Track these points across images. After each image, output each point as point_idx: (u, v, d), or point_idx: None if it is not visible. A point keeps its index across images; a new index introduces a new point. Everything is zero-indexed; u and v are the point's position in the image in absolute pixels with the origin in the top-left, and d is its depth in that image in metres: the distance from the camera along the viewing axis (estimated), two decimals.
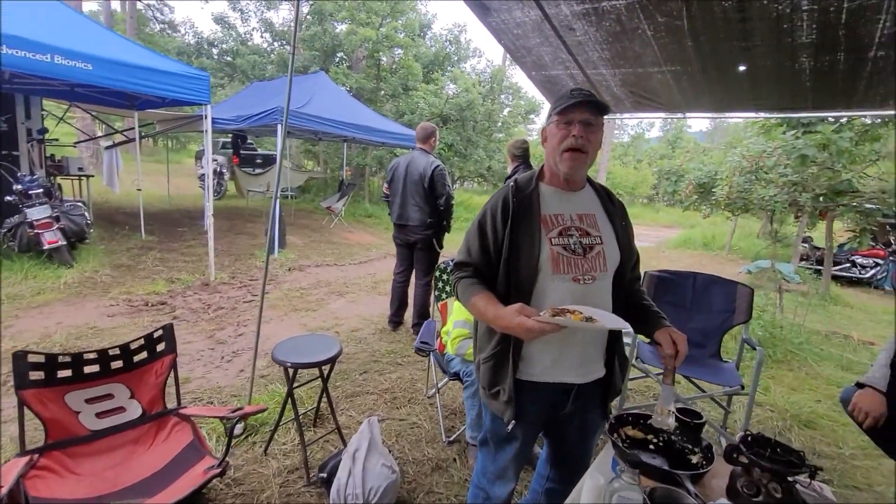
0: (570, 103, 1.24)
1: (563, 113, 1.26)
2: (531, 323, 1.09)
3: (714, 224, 12.66)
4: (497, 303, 1.24)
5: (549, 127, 1.33)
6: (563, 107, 1.25)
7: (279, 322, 4.23)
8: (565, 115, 1.26)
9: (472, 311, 1.32)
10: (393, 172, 3.91)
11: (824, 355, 4.24)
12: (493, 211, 1.33)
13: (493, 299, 1.26)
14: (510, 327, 1.14)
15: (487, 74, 15.76)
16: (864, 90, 2.75)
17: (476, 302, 1.28)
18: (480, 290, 1.29)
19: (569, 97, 1.26)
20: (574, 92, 1.27)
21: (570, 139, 1.25)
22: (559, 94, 1.33)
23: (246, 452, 2.38)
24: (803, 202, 4.86)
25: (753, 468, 1.09)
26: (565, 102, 1.25)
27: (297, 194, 12.04)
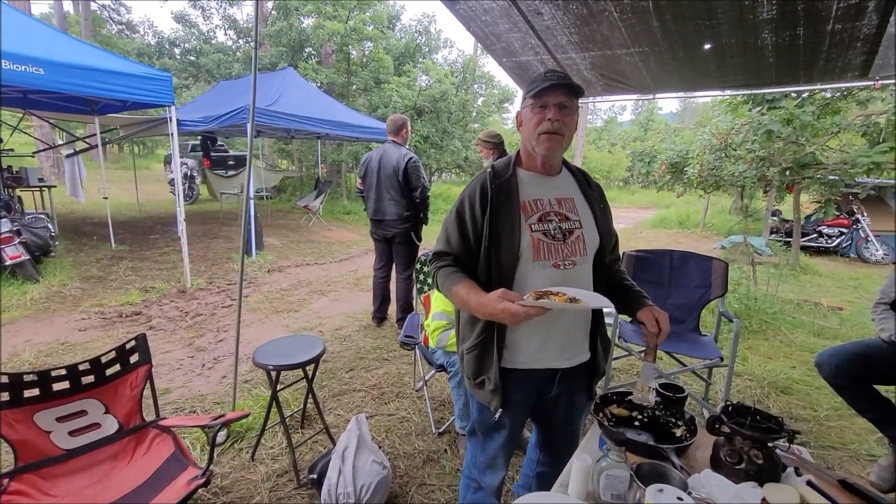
0: (545, 86, 1.22)
1: (538, 96, 1.24)
2: (515, 308, 1.08)
3: (688, 203, 12.93)
4: (479, 290, 1.22)
5: (524, 111, 1.31)
6: (537, 90, 1.23)
7: (261, 325, 4.15)
8: (540, 98, 1.25)
9: (453, 300, 1.30)
10: (366, 167, 3.85)
11: (797, 323, 4.39)
12: (472, 198, 1.30)
13: (475, 287, 1.24)
14: (494, 314, 1.13)
15: (460, 64, 15.67)
16: (824, 63, 2.82)
17: (458, 291, 1.25)
18: (461, 279, 1.27)
19: (543, 79, 1.24)
20: (548, 74, 1.25)
21: (546, 123, 1.24)
22: (532, 77, 1.30)
23: (233, 459, 2.34)
24: (771, 176, 5.00)
25: (735, 437, 1.11)
26: (539, 85, 1.23)
27: (272, 194, 11.81)
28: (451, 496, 2.12)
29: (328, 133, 7.91)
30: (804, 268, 7.04)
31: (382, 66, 12.93)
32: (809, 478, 1.06)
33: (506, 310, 1.08)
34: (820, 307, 4.96)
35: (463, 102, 13.33)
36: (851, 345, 2.16)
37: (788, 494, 1.01)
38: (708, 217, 11.73)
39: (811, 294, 5.64)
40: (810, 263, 7.41)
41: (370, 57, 13.46)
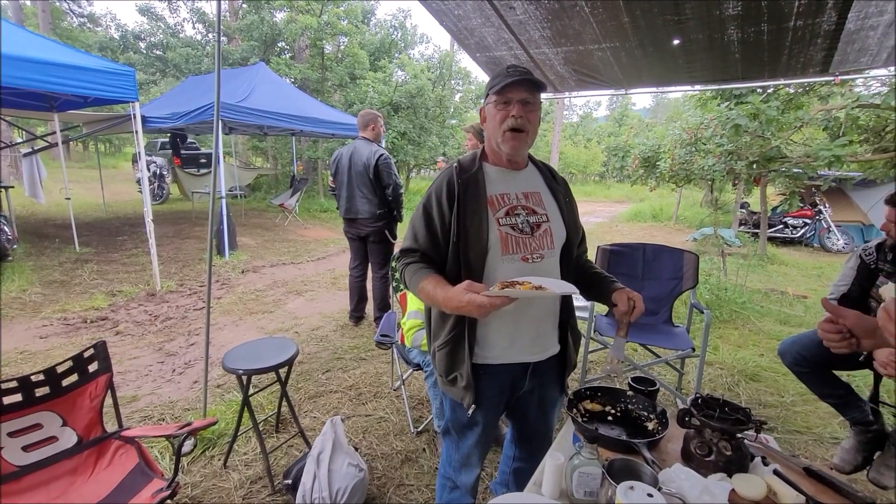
0: (508, 82, 1.21)
1: (501, 92, 1.23)
2: (482, 299, 1.06)
3: (661, 196, 13.23)
4: (446, 284, 1.21)
5: (487, 107, 1.30)
6: (500, 86, 1.22)
7: (234, 327, 4.05)
8: (503, 94, 1.24)
9: (420, 296, 1.28)
10: (336, 164, 3.77)
11: (764, 312, 4.53)
12: (438, 194, 1.29)
13: (442, 282, 1.22)
14: (461, 307, 1.11)
15: (436, 60, 15.58)
16: (787, 59, 2.89)
17: (424, 286, 1.24)
18: (428, 274, 1.25)
19: (505, 75, 1.23)
20: (510, 70, 1.24)
21: (511, 119, 1.23)
22: (494, 73, 1.29)
23: (204, 468, 2.27)
24: (739, 170, 5.14)
25: (705, 429, 1.12)
26: (502, 81, 1.22)
27: (246, 193, 11.53)
28: (429, 496, 2.10)
29: (303, 129, 7.74)
30: (771, 258, 7.28)
31: (358, 62, 12.76)
32: (776, 467, 1.08)
33: (472, 301, 1.07)
34: (786, 296, 5.14)
35: (440, 98, 13.25)
36: (812, 333, 2.23)
37: (756, 485, 1.02)
38: (680, 210, 12.02)
39: (778, 283, 5.84)
40: (777, 253, 7.67)
41: (345, 52, 13.26)
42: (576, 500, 1.04)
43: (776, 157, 5.02)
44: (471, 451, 1.45)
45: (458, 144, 13.91)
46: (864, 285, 2.13)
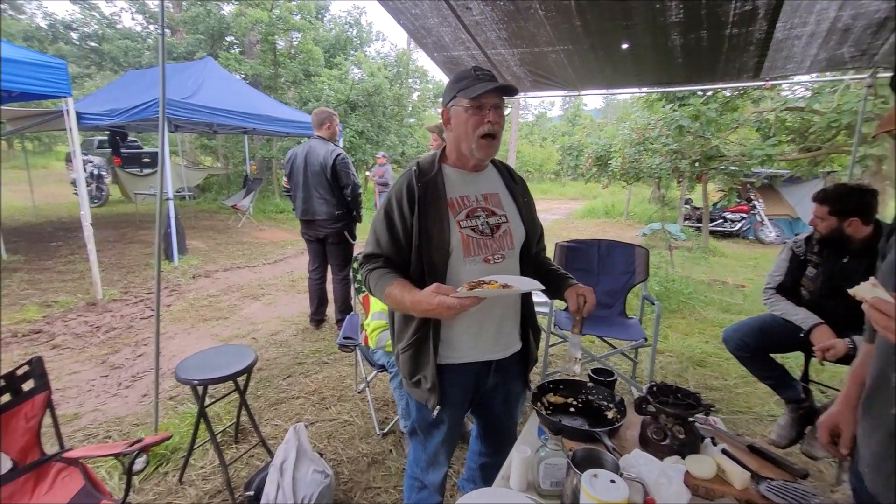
0: (486, 90, 1.20)
1: (475, 98, 1.22)
2: (451, 300, 1.08)
3: (613, 193, 13.77)
4: (413, 288, 1.21)
5: (455, 109, 1.27)
6: (476, 93, 1.20)
7: (186, 336, 3.85)
8: (477, 99, 1.22)
9: (387, 301, 1.27)
10: (291, 164, 3.66)
11: (708, 301, 4.83)
12: (399, 198, 1.28)
13: (408, 285, 1.23)
14: (430, 309, 1.12)
15: (393, 58, 15.45)
16: (724, 64, 3.09)
17: (391, 292, 1.23)
18: (393, 279, 1.25)
19: (474, 78, 1.23)
20: (479, 73, 1.23)
21: (487, 125, 1.23)
22: (460, 74, 1.26)
23: (157, 485, 2.15)
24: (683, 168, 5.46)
25: (660, 415, 1.19)
26: (475, 86, 1.21)
27: (195, 194, 10.98)
28: (397, 497, 2.10)
29: (255, 128, 7.46)
30: (713, 250, 7.77)
31: (312, 58, 12.42)
32: (724, 446, 1.16)
33: (442, 303, 1.08)
34: (727, 285, 5.51)
35: (398, 97, 13.17)
36: (751, 320, 2.41)
37: (707, 465, 1.10)
38: (630, 206, 12.57)
39: (719, 274, 6.24)
40: (718, 246, 8.19)
41: (298, 48, 12.87)
42: (543, 491, 1.08)
43: (715, 155, 5.37)
44: (438, 449, 1.46)
45: (418, 143, 13.88)
46: (796, 275, 2.32)
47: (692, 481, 1.07)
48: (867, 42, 2.67)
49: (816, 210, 2.15)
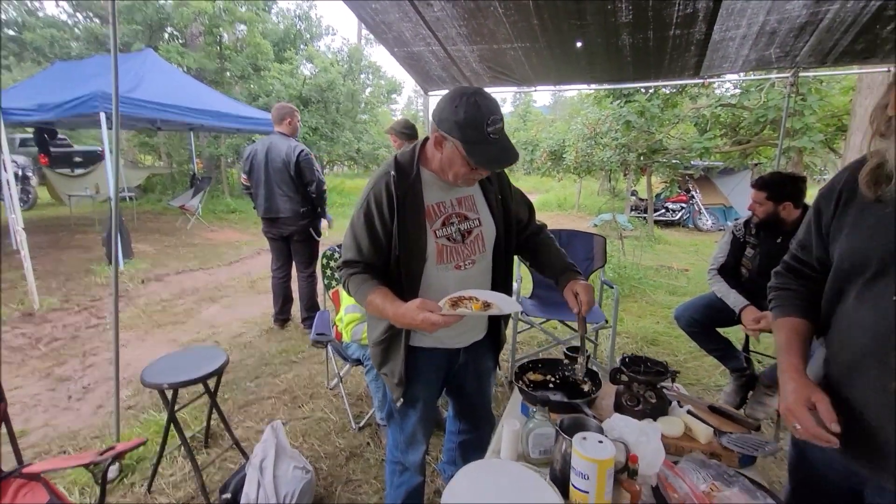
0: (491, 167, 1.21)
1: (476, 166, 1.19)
2: (436, 318, 1.10)
3: (564, 187, 14.29)
4: (395, 299, 1.22)
5: (450, 145, 1.19)
6: (484, 164, 1.18)
7: (140, 343, 3.65)
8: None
9: (368, 309, 1.29)
10: (251, 161, 3.55)
11: (656, 285, 5.17)
12: (379, 203, 1.26)
13: (390, 295, 1.23)
14: (414, 324, 1.14)
15: (345, 53, 15.15)
16: (668, 63, 3.32)
17: (373, 300, 1.24)
18: (375, 287, 1.26)
19: (485, 140, 1.15)
20: (491, 133, 1.15)
21: (477, 175, 1.25)
22: (471, 119, 1.14)
23: (124, 497, 2.06)
24: (630, 161, 5.79)
25: (633, 383, 1.30)
26: (482, 163, 1.17)
27: (137, 195, 10.29)
28: (378, 487, 2.12)
29: (202, 124, 7.11)
30: (658, 238, 8.28)
31: (260, 52, 11.94)
32: (688, 407, 1.28)
33: (426, 319, 1.10)
34: (672, 270, 5.91)
35: (351, 93, 12.95)
36: (699, 299, 2.63)
37: (676, 424, 1.22)
38: (581, 199, 13.10)
39: (664, 260, 6.67)
40: (662, 234, 8.73)
41: (245, 41, 12.33)
42: (532, 460, 1.15)
43: (659, 149, 5.73)
44: (415, 428, 1.49)
45: (373, 140, 13.73)
46: (737, 255, 2.55)
47: (664, 440, 1.18)
48: (790, 44, 2.96)
49: (755, 196, 2.36)
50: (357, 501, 2.06)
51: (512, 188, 1.49)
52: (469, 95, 1.15)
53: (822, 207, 0.98)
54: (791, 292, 1.07)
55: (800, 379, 0.92)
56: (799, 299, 1.04)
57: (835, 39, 2.87)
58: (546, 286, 3.23)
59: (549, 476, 1.05)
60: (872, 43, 2.85)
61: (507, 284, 1.44)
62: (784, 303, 1.07)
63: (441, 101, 1.21)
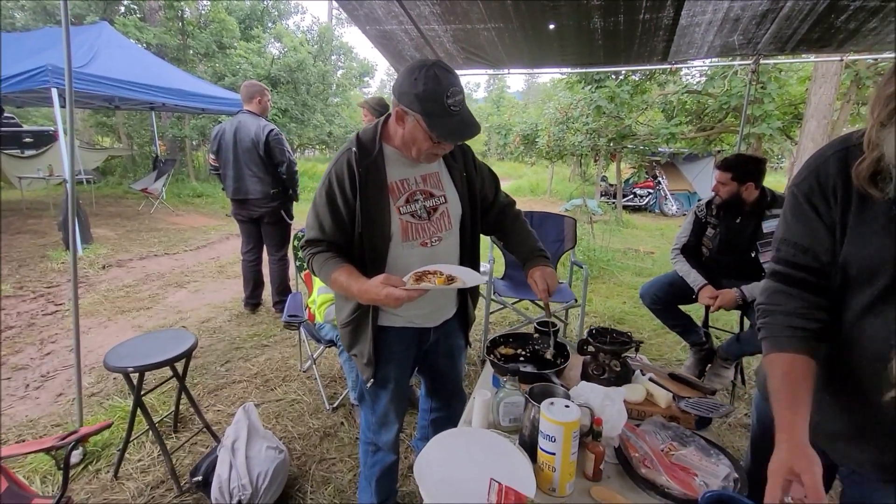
0: (452, 140, 1.19)
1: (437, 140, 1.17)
2: (400, 293, 1.10)
3: (536, 172, 14.44)
4: (359, 276, 1.21)
5: (411, 119, 1.18)
6: (444, 137, 1.16)
7: (103, 329, 3.52)
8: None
9: (333, 286, 1.28)
10: (219, 141, 3.43)
11: (624, 267, 5.34)
12: (340, 181, 1.24)
13: (354, 272, 1.23)
14: (378, 299, 1.14)
15: (315, 32, 14.68)
16: (638, 48, 3.37)
17: (337, 278, 1.24)
18: (339, 265, 1.25)
19: (446, 113, 1.13)
20: (452, 105, 1.13)
21: (439, 149, 1.23)
22: (428, 91, 1.12)
23: (89, 484, 2.01)
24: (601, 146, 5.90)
25: (599, 354, 1.35)
26: (444, 136, 1.16)
27: (94, 178, 9.77)
28: (352, 465, 2.14)
29: (164, 103, 6.78)
30: (626, 223, 8.51)
31: (225, 29, 11.43)
32: (651, 375, 1.35)
33: (390, 295, 1.10)
34: (638, 253, 6.10)
35: (322, 74, 12.59)
36: (662, 277, 2.74)
37: (638, 391, 1.28)
38: (553, 184, 13.28)
39: (632, 243, 6.88)
40: (630, 219, 8.98)
41: (209, 17, 11.77)
42: (503, 428, 1.19)
43: (628, 134, 5.85)
44: (387, 408, 1.49)
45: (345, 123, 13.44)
46: (698, 235, 2.66)
47: (627, 405, 1.24)
48: (752, 31, 3.06)
49: (720, 176, 2.42)
50: (331, 479, 2.07)
51: (478, 164, 1.47)
52: (428, 67, 1.13)
53: (817, 202, 0.85)
54: (785, 316, 0.87)
55: (790, 440, 0.78)
56: (796, 326, 0.86)
57: (793, 28, 2.98)
58: (518, 267, 3.27)
59: (518, 442, 1.09)
60: (827, 32, 2.97)
61: (474, 261, 1.44)
62: (776, 332, 0.88)
63: (400, 74, 1.19)
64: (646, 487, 0.97)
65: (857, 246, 0.80)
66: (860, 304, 0.81)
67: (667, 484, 0.95)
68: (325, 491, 2.01)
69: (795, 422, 0.79)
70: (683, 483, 0.94)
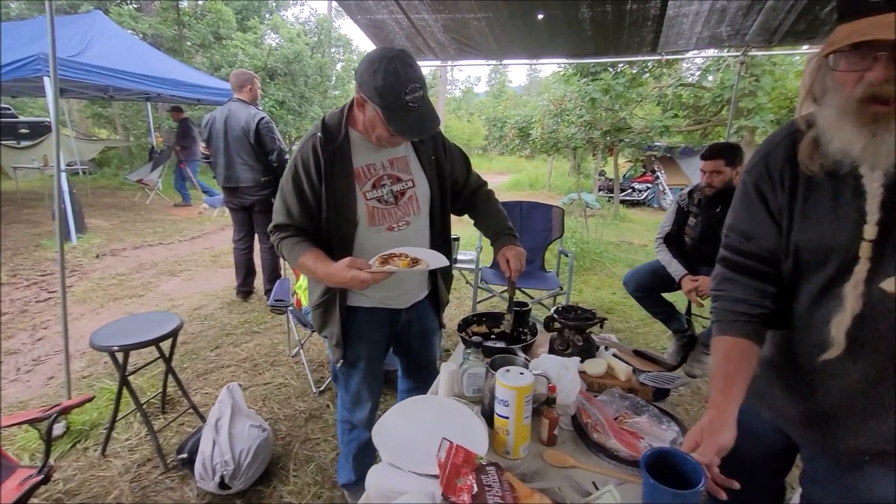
0: (411, 135, 1.20)
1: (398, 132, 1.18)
2: (364, 275, 1.12)
3: (536, 167, 14.46)
4: (326, 259, 1.23)
5: (371, 108, 1.17)
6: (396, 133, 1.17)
7: (95, 315, 3.57)
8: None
9: (302, 270, 1.31)
10: (209, 129, 3.46)
11: (617, 259, 5.37)
12: (306, 166, 1.25)
13: (322, 256, 1.24)
14: (344, 282, 1.16)
15: (313, 24, 14.63)
16: (626, 38, 3.39)
17: (304, 262, 1.26)
18: (307, 249, 1.27)
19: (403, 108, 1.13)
20: (410, 101, 1.13)
21: (398, 138, 1.23)
22: (387, 84, 1.11)
23: (77, 461, 2.06)
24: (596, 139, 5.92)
25: (564, 329, 1.39)
26: (400, 130, 1.16)
27: (90, 169, 9.79)
28: (335, 444, 2.18)
29: (160, 93, 6.79)
30: (622, 217, 8.53)
31: (222, 19, 11.41)
32: (614, 350, 1.39)
33: (355, 278, 1.12)
34: (633, 245, 6.14)
35: (320, 66, 12.56)
36: (645, 265, 2.78)
37: (599, 364, 1.32)
38: (552, 179, 13.29)
39: (627, 236, 6.91)
40: (627, 213, 9.00)
41: (206, 8, 11.73)
42: (467, 398, 1.23)
43: (623, 127, 5.87)
44: (359, 387, 1.51)
45: None
46: (681, 224, 2.69)
47: (588, 378, 1.28)
48: (739, 22, 3.07)
49: (713, 165, 2.40)
50: (314, 458, 2.12)
51: (447, 146, 1.48)
52: (389, 60, 1.11)
53: (764, 189, 0.85)
54: (730, 302, 0.90)
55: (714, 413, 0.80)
56: (740, 311, 0.88)
57: (780, 19, 2.99)
58: None
59: (480, 410, 1.13)
60: (813, 23, 2.98)
61: (445, 244, 1.46)
62: (721, 317, 0.91)
63: (362, 62, 1.18)
64: (596, 451, 1.01)
65: (806, 231, 0.80)
66: (813, 289, 0.82)
67: (615, 447, 0.99)
68: (307, 469, 2.06)
69: (724, 403, 0.81)
70: (630, 445, 0.98)
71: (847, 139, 0.71)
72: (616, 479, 0.95)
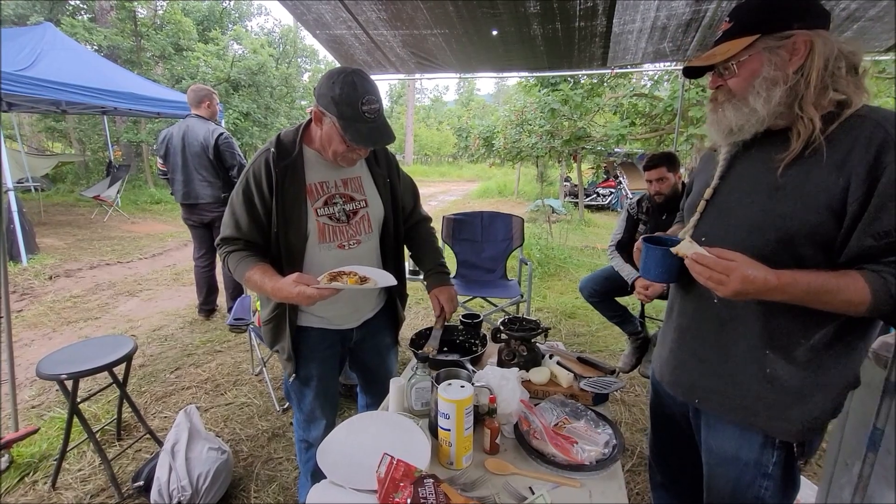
0: (367, 146, 1.24)
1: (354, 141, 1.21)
2: (311, 291, 1.14)
3: (505, 174, 14.70)
4: (273, 274, 1.24)
5: (328, 121, 1.22)
6: (352, 143, 1.21)
7: (47, 341, 3.42)
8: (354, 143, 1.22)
9: (248, 285, 1.30)
10: (166, 145, 3.41)
11: (580, 264, 5.53)
12: (257, 180, 1.26)
13: (269, 271, 1.26)
14: (290, 297, 1.17)
15: (277, 34, 14.51)
16: (577, 53, 3.53)
17: (251, 276, 1.26)
18: (254, 263, 1.27)
19: (360, 118, 1.18)
20: (367, 112, 1.18)
21: (354, 154, 1.27)
22: (347, 96, 1.17)
23: (25, 496, 1.98)
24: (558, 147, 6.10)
25: (510, 340, 1.45)
26: (356, 140, 1.20)
27: (44, 185, 9.38)
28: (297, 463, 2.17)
29: (117, 107, 6.59)
30: (587, 221, 8.78)
31: (182, 30, 11.18)
32: (558, 358, 1.45)
33: (301, 293, 1.14)
34: (596, 250, 6.33)
35: (286, 77, 12.46)
36: (600, 271, 2.89)
37: (543, 373, 1.38)
38: (520, 186, 13.54)
39: (591, 240, 7.12)
40: (592, 218, 9.27)
41: (164, 18, 11.48)
42: (416, 412, 1.27)
43: (584, 136, 6.07)
44: (313, 406, 1.50)
45: None
46: (631, 232, 2.82)
47: (531, 387, 1.34)
48: (680, 39, 3.26)
49: (657, 173, 2.53)
50: (276, 477, 2.11)
51: (401, 173, 1.52)
52: (347, 74, 1.19)
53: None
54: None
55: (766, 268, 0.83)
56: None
57: (716, 36, 3.19)
58: (469, 266, 3.39)
59: (427, 423, 1.17)
60: None
61: (398, 264, 1.50)
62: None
63: (322, 77, 1.24)
64: (535, 457, 1.07)
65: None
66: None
67: (552, 453, 1.05)
68: (269, 489, 2.05)
69: (789, 273, 0.82)
70: (564, 450, 1.04)
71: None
72: (552, 483, 1.01)
